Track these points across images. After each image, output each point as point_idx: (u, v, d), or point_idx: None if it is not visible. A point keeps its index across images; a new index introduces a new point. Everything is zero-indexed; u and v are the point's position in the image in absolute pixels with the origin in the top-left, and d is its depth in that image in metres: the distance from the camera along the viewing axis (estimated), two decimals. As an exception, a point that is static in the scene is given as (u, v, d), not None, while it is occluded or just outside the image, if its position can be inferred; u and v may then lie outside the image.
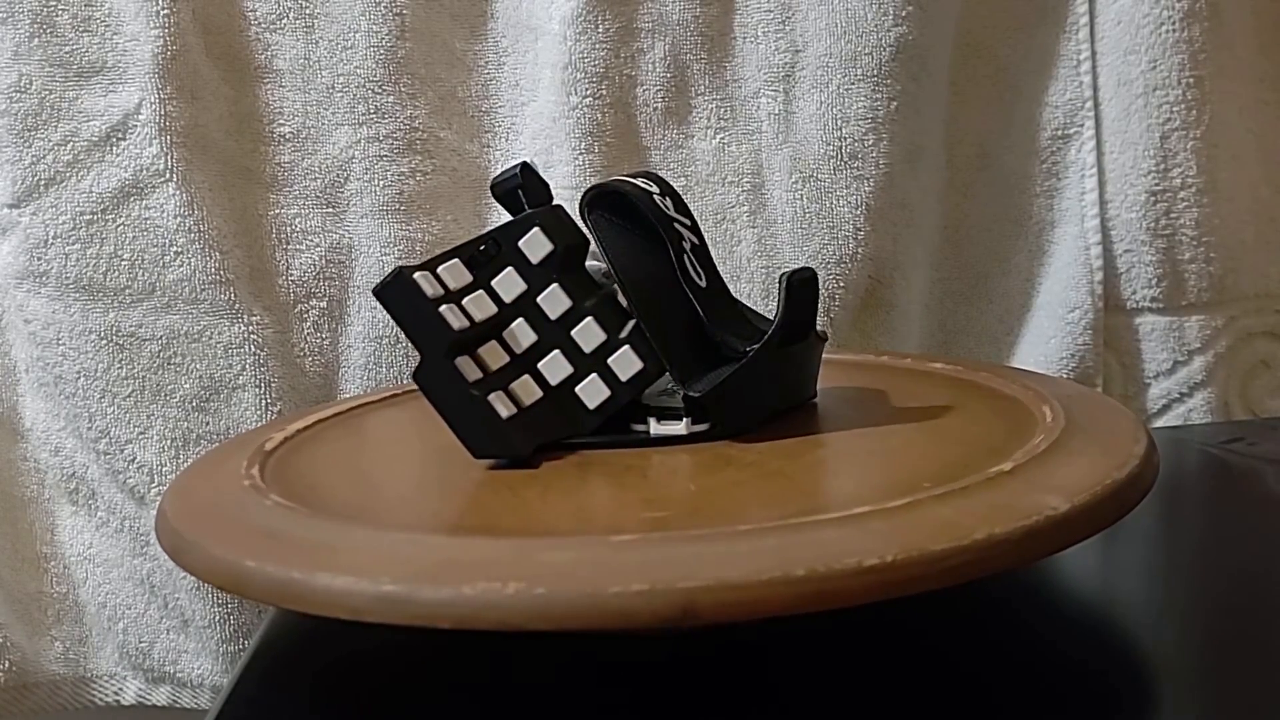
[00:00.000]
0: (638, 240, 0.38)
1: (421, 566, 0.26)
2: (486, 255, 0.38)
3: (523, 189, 0.40)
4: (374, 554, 0.28)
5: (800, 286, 0.37)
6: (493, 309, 0.38)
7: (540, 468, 0.37)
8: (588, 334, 0.38)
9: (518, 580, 0.25)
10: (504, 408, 0.36)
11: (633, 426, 0.39)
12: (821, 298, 0.57)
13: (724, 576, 0.25)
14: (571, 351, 0.38)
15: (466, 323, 0.36)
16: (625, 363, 0.38)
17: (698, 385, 0.37)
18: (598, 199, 0.39)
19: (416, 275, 0.36)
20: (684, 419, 0.38)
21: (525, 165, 0.40)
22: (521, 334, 0.38)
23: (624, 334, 0.38)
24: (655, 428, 0.38)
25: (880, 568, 0.25)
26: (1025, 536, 0.27)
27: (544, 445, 0.37)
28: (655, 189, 0.39)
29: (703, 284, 0.38)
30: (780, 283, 0.37)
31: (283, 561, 0.28)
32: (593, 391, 0.38)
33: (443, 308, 0.36)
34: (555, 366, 0.38)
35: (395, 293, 0.36)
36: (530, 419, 0.37)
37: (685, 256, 0.38)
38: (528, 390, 0.38)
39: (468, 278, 0.38)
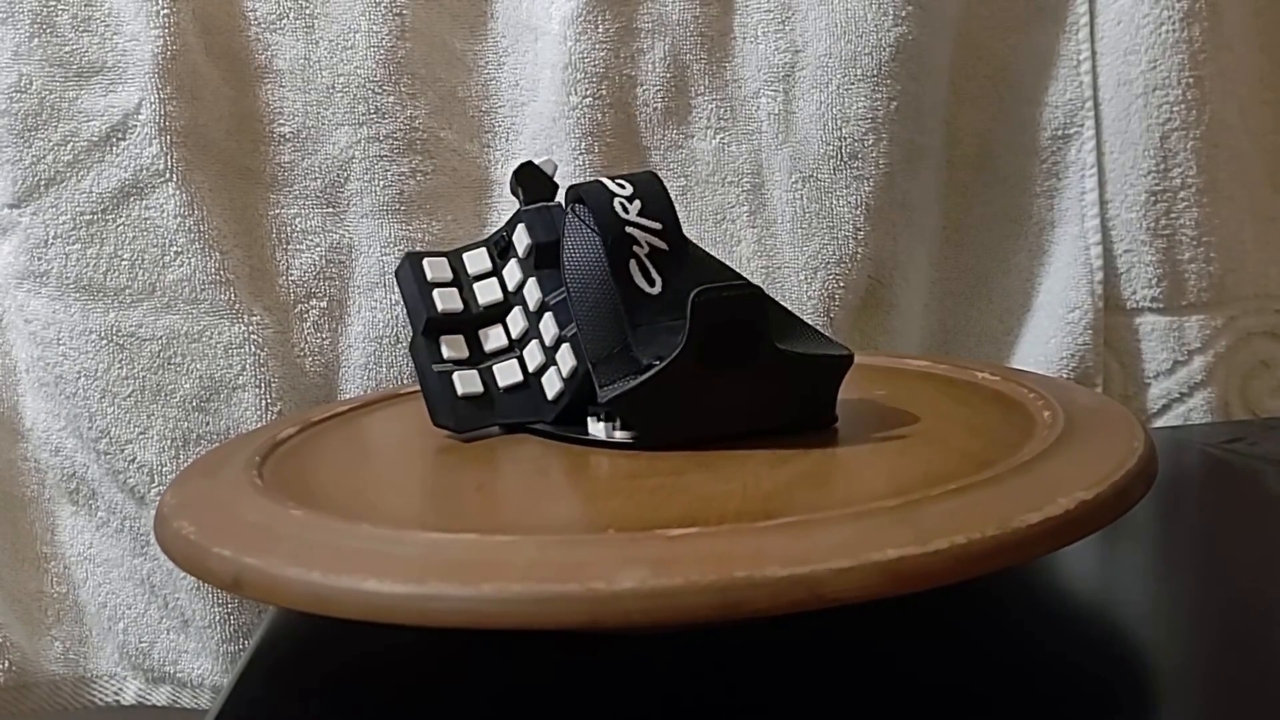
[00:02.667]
0: (594, 241, 0.38)
1: (421, 566, 0.26)
2: (501, 245, 0.42)
3: (521, 187, 0.41)
4: (374, 553, 0.28)
5: (704, 307, 0.34)
6: (499, 295, 0.41)
7: (540, 467, 0.37)
8: (547, 328, 0.40)
9: (519, 579, 0.25)
10: (465, 386, 0.40)
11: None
12: (821, 298, 0.57)
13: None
14: (542, 343, 0.41)
15: (458, 306, 0.41)
16: (565, 359, 0.40)
17: (605, 391, 0.37)
18: (571, 198, 0.40)
19: (426, 260, 0.41)
20: (606, 423, 0.38)
21: (524, 164, 0.41)
22: (513, 322, 0.41)
23: (568, 331, 0.40)
24: (592, 427, 0.39)
25: (878, 567, 0.25)
26: (1024, 536, 0.27)
27: (512, 428, 0.41)
28: (626, 190, 0.38)
29: (653, 291, 0.38)
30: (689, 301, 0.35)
31: (282, 561, 0.28)
32: (550, 383, 0.40)
33: (438, 290, 0.40)
34: (532, 355, 0.41)
35: (402, 273, 0.41)
36: (500, 400, 0.41)
37: (634, 261, 0.38)
38: (510, 373, 0.41)
39: (488, 265, 0.41)
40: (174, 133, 0.51)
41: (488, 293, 0.41)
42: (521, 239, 0.41)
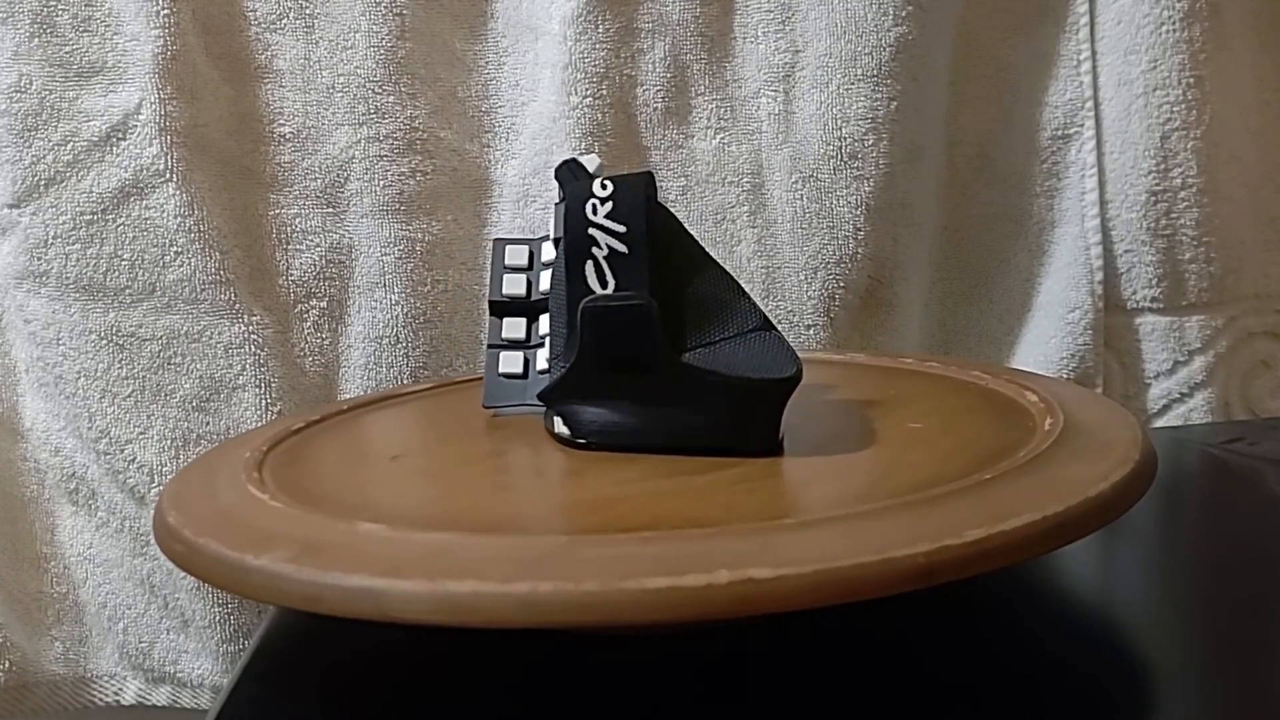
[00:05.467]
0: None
1: (421, 565, 0.26)
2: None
3: (559, 182, 0.42)
4: (374, 552, 0.28)
5: (590, 315, 0.34)
6: (549, 285, 0.43)
7: (540, 468, 0.37)
8: (543, 321, 0.43)
9: (519, 579, 0.25)
10: (506, 365, 0.44)
11: None
12: (821, 298, 0.57)
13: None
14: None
15: (521, 291, 0.44)
16: (541, 355, 0.43)
17: (542, 389, 0.39)
18: (561, 196, 0.40)
19: (509, 246, 0.45)
20: (558, 418, 0.39)
21: (567, 160, 0.42)
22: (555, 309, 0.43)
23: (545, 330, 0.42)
24: (557, 426, 0.39)
25: (877, 566, 0.25)
26: (1022, 536, 0.27)
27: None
28: (605, 192, 0.38)
29: (604, 293, 0.38)
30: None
31: (281, 560, 0.28)
32: (551, 374, 0.41)
33: (509, 275, 0.44)
34: (552, 344, 0.42)
35: (493, 255, 0.45)
36: (532, 384, 0.43)
37: (590, 263, 0.38)
38: (542, 359, 0.43)
39: (552, 254, 0.43)
40: (174, 133, 0.51)
41: (544, 282, 0.44)
42: (554, 233, 0.42)
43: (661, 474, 0.34)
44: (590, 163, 0.41)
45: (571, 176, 0.40)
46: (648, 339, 0.34)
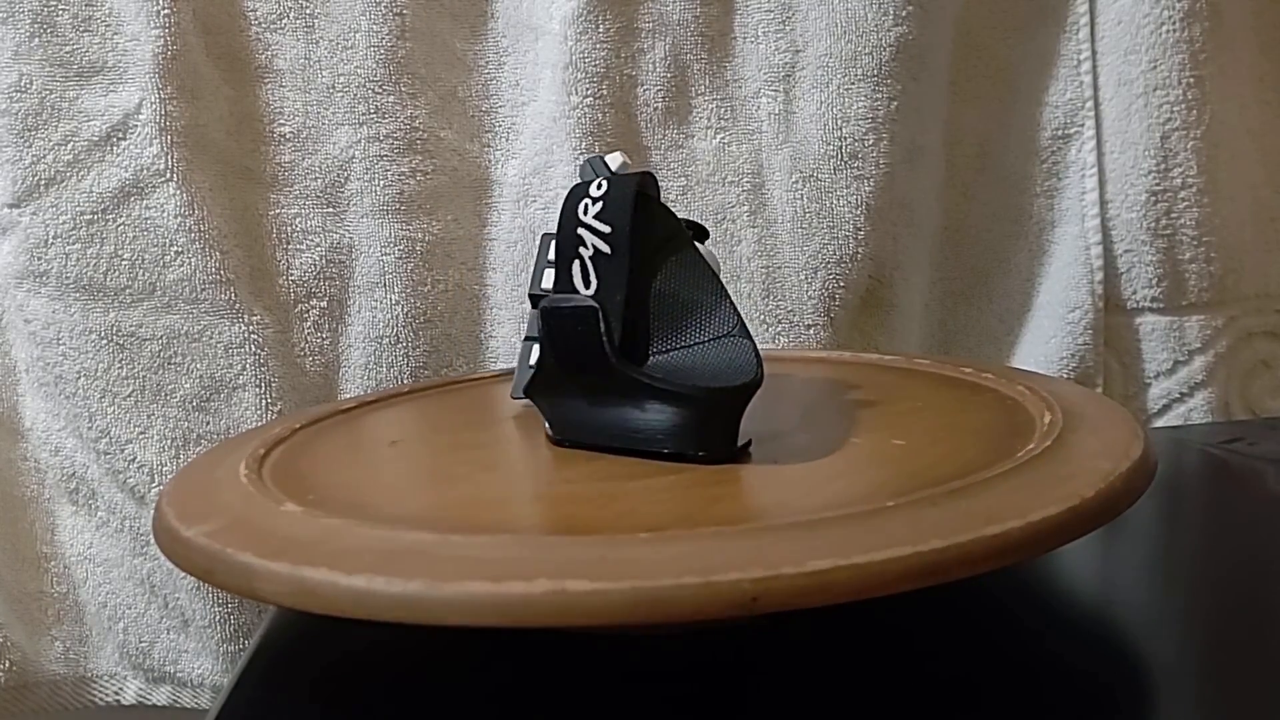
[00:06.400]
0: None
1: (420, 564, 0.26)
2: None
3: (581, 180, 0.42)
4: (373, 552, 0.28)
5: (545, 316, 0.36)
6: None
7: (539, 466, 0.37)
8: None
9: (519, 577, 0.25)
10: (535, 357, 0.41)
11: None
12: (821, 298, 0.57)
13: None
14: None
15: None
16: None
17: (525, 387, 0.39)
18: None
19: (547, 238, 0.42)
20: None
21: (592, 158, 0.42)
22: None
23: None
24: (544, 423, 0.40)
25: (876, 567, 0.25)
26: (1022, 535, 0.27)
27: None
28: (600, 191, 0.38)
29: (586, 292, 0.38)
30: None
31: (281, 560, 0.28)
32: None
33: (547, 269, 0.41)
34: None
35: (540, 247, 0.44)
36: None
37: (577, 262, 0.38)
38: None
39: None
40: (174, 133, 0.51)
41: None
42: None
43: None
44: (614, 161, 0.41)
45: (592, 173, 0.40)
46: (594, 343, 0.35)
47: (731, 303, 0.37)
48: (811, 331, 0.57)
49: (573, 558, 0.26)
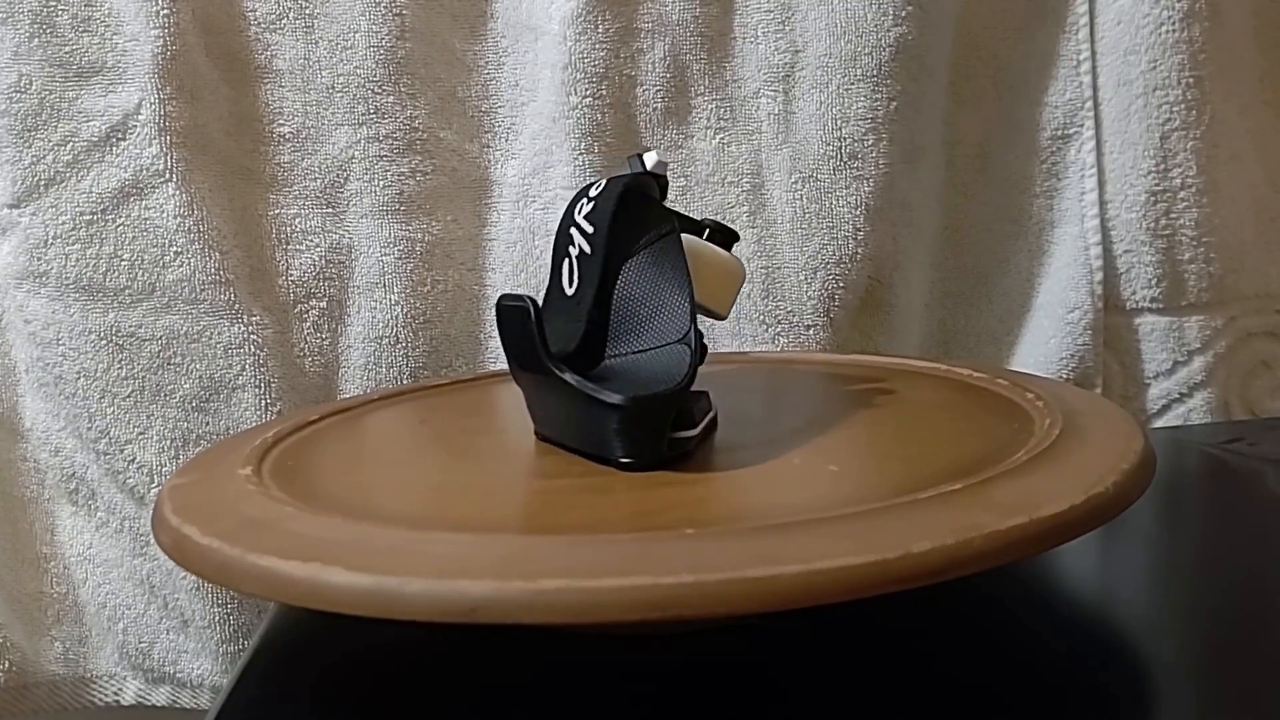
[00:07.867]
0: None
1: (420, 563, 0.26)
2: None
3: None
4: (373, 550, 0.28)
5: (498, 313, 0.37)
6: None
7: (538, 467, 0.37)
8: None
9: (518, 577, 0.25)
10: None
11: None
12: (821, 297, 0.57)
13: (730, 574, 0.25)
14: None
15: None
16: None
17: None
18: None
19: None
20: None
21: (630, 158, 0.41)
22: None
23: None
24: None
25: (876, 566, 0.25)
26: (1022, 535, 0.27)
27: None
28: (593, 192, 0.38)
29: (569, 291, 0.38)
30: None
31: (281, 558, 0.28)
32: None
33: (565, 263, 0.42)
34: None
35: None
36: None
37: (566, 261, 0.38)
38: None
39: None
40: (174, 133, 0.51)
41: None
42: None
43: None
44: (649, 159, 0.40)
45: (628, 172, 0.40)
46: (530, 343, 0.35)
47: (691, 308, 0.36)
48: (811, 332, 0.57)
49: (570, 556, 0.26)
